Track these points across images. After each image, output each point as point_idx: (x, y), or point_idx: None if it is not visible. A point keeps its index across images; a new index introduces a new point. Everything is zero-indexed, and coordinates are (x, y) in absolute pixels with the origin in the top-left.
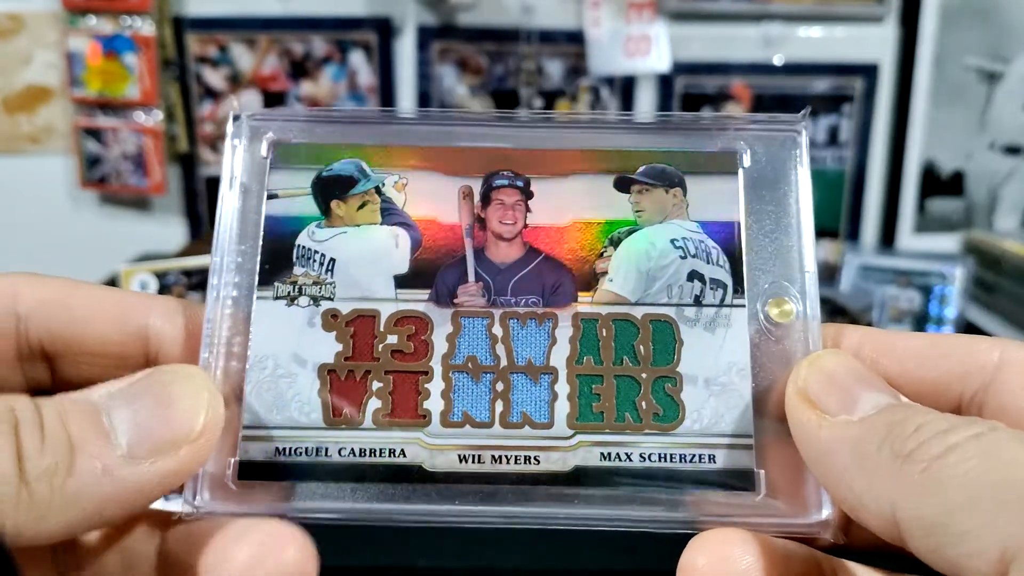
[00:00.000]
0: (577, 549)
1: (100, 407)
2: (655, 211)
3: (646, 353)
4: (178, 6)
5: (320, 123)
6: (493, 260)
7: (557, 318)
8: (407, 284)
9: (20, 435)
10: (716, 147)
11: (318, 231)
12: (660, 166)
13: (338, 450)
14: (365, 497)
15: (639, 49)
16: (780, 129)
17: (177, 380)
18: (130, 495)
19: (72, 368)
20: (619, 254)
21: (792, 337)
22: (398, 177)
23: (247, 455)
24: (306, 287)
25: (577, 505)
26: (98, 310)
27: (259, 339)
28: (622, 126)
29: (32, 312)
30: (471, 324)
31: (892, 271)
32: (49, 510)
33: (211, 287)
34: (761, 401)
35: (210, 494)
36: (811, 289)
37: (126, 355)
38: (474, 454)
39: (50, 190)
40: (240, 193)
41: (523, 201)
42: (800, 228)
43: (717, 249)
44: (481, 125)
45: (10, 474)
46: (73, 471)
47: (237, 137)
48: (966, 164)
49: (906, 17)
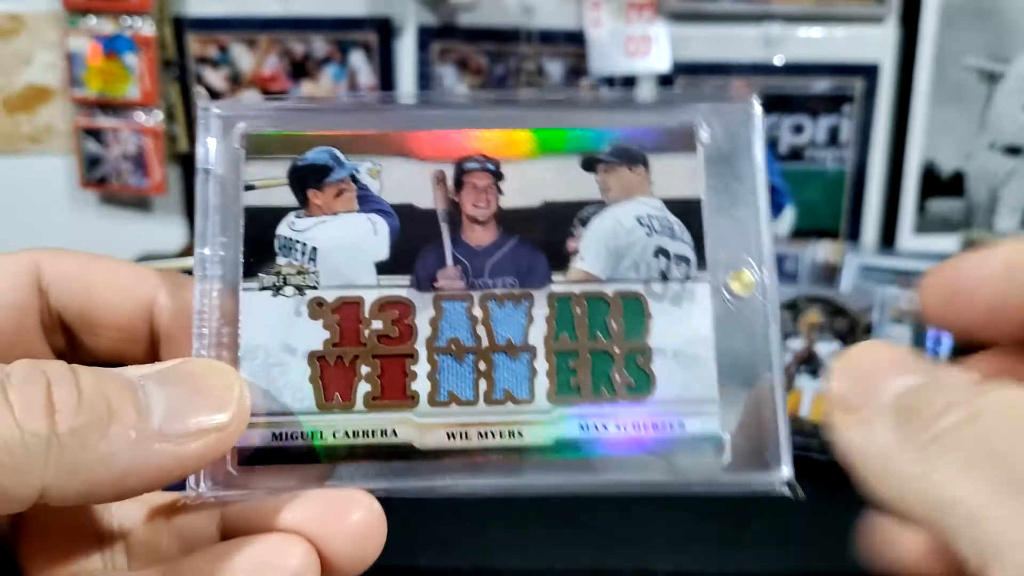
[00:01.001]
0: (577, 549)
1: (135, 383)
2: (621, 190)
3: (618, 328)
4: (178, 6)
5: (290, 112)
6: (469, 243)
7: (533, 298)
8: (388, 270)
9: (52, 392)
10: (675, 123)
11: (298, 221)
12: (624, 145)
13: (332, 433)
14: (361, 475)
15: (639, 49)
16: (735, 106)
17: (209, 371)
18: (153, 470)
19: (88, 339)
20: (588, 233)
21: (753, 307)
22: (372, 164)
23: (246, 441)
24: (290, 277)
25: (559, 474)
26: (112, 284)
27: (248, 330)
28: (587, 105)
29: (51, 285)
30: (452, 307)
31: (892, 271)
32: (77, 468)
33: (197, 280)
34: (725, 370)
35: (213, 480)
36: (769, 260)
37: (133, 328)
38: (461, 431)
39: (50, 190)
40: (217, 185)
41: (495, 184)
42: (757, 202)
43: (680, 225)
44: (450, 108)
45: (41, 428)
46: (108, 435)
47: (207, 129)
48: (966, 164)
49: (906, 17)
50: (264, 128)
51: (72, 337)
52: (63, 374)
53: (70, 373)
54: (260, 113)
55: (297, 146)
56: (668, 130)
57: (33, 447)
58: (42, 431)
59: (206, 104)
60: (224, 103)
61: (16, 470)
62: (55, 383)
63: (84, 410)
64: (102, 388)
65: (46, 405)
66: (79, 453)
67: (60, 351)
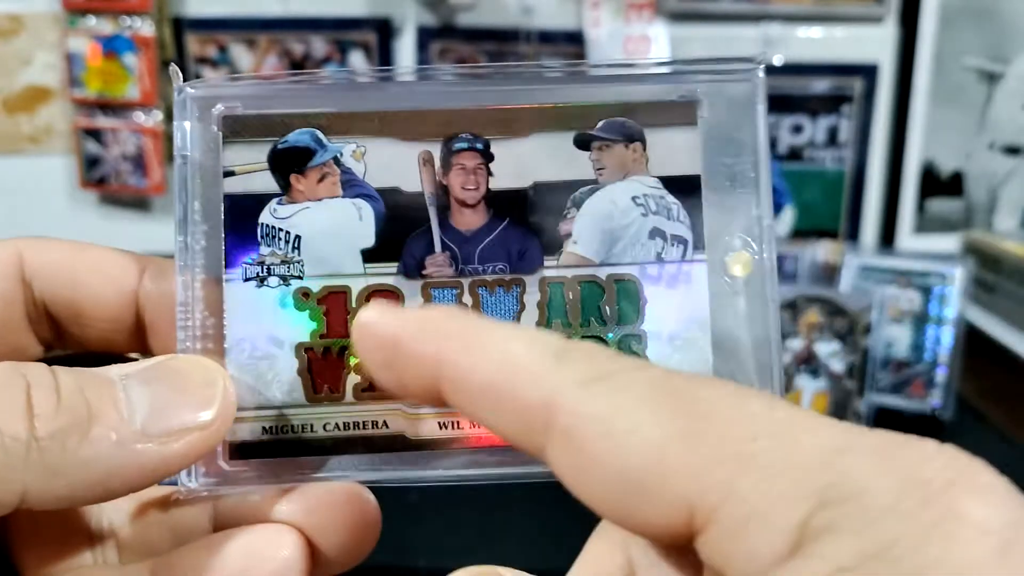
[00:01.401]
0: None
1: (117, 383)
2: (616, 168)
3: (612, 313)
4: (178, 7)
5: (271, 90)
6: (458, 228)
7: (525, 284)
8: (375, 257)
9: (32, 396)
10: (675, 96)
11: (280, 208)
12: (620, 120)
13: (323, 425)
14: (353, 467)
15: (639, 49)
16: (737, 76)
17: (193, 369)
18: (136, 471)
19: (75, 328)
20: (582, 215)
21: (752, 288)
22: (356, 146)
23: (236, 436)
24: (274, 267)
25: None
26: (97, 273)
27: (234, 322)
28: (580, 78)
29: (35, 275)
30: (441, 295)
31: (892, 271)
32: (58, 472)
33: (178, 270)
34: (721, 353)
35: (205, 474)
36: (769, 240)
37: (120, 317)
38: (453, 421)
39: (50, 190)
40: (196, 171)
41: (484, 164)
42: (759, 179)
43: (677, 205)
44: (436, 83)
45: (20, 431)
46: (88, 436)
47: (183, 111)
48: (966, 164)
49: (906, 17)
50: (243, 110)
51: (59, 327)
52: (43, 376)
53: (50, 375)
54: (239, 93)
55: (277, 128)
56: (667, 103)
57: (13, 451)
58: (22, 435)
59: (181, 85)
60: (200, 83)
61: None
62: (34, 386)
63: (63, 412)
64: (82, 389)
65: (26, 408)
66: (60, 456)
67: (47, 342)
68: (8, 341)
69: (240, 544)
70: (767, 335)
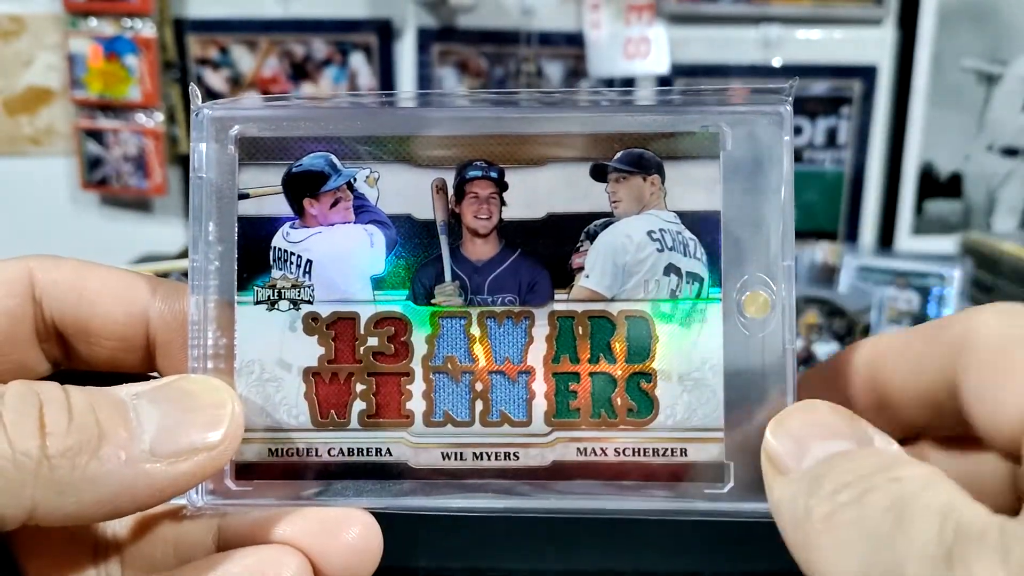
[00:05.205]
0: (578, 550)
1: (127, 402)
2: (632, 201)
3: (621, 350)
4: (179, 8)
5: (288, 113)
6: (469, 258)
7: (534, 316)
8: (384, 285)
9: (44, 414)
10: (696, 127)
11: (292, 232)
12: (638, 151)
13: (327, 450)
14: (355, 493)
15: (638, 51)
16: (764, 108)
17: (203, 389)
18: (145, 490)
19: (84, 347)
20: (595, 248)
21: (767, 330)
22: (369, 171)
23: (243, 456)
24: (285, 291)
25: (555, 498)
26: (107, 293)
27: (243, 344)
28: (598, 107)
29: (45, 294)
30: (449, 324)
31: (890, 272)
32: (67, 489)
33: (192, 290)
34: (732, 395)
35: (212, 493)
36: (788, 282)
37: (129, 336)
38: (456, 451)
39: (51, 192)
40: (212, 192)
41: (497, 193)
42: (782, 217)
43: (695, 241)
44: (451, 109)
45: (32, 448)
46: (98, 455)
47: (200, 131)
48: (964, 166)
49: (904, 19)
50: (259, 131)
51: (67, 346)
52: (55, 395)
53: (62, 394)
54: (256, 114)
55: (293, 151)
56: (687, 135)
57: (24, 467)
58: (33, 452)
59: (199, 105)
60: (219, 104)
61: (6, 490)
62: (47, 404)
63: (75, 431)
64: (93, 408)
65: (38, 426)
66: (69, 473)
67: (55, 360)
68: (16, 358)
69: (243, 564)
70: (783, 381)
